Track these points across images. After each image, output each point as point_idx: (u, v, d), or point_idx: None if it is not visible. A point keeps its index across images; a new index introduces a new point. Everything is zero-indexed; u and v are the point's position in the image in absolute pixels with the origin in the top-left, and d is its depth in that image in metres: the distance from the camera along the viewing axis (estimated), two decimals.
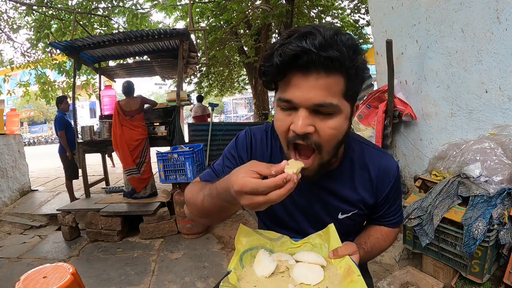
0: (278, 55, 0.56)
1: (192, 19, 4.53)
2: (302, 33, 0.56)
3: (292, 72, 0.57)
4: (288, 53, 0.55)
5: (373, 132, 2.49)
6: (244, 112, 23.75)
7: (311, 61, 0.55)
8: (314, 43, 0.54)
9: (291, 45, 0.55)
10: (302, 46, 0.54)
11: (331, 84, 0.58)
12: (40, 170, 7.16)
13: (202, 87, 10.47)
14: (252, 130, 0.84)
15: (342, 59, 0.56)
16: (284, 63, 0.56)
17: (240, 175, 0.56)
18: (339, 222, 0.80)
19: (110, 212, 3.28)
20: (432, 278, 1.75)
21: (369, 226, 0.89)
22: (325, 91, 0.57)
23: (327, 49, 0.54)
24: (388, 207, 0.84)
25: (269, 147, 0.81)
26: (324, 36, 0.55)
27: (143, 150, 3.57)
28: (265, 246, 0.74)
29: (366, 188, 0.80)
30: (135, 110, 3.54)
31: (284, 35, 0.59)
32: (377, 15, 2.87)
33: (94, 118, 18.87)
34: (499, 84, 1.80)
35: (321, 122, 0.60)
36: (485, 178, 1.61)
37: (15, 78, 7.29)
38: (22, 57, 6.47)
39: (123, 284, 2.43)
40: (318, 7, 8.14)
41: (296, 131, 0.60)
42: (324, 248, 0.73)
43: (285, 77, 0.59)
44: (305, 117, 0.59)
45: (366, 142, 0.84)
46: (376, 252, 0.85)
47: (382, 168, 0.79)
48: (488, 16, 1.78)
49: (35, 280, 1.16)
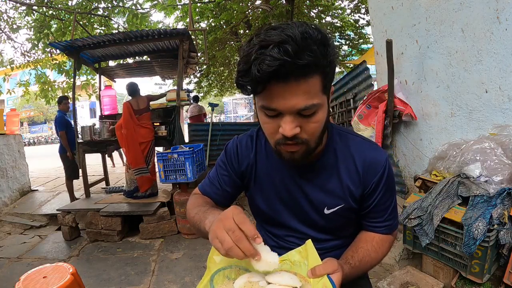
0: (256, 71, 0.55)
1: (192, 19, 4.53)
2: (276, 44, 0.55)
3: (271, 82, 0.58)
4: (267, 69, 0.55)
5: (373, 132, 2.49)
6: (244, 112, 23.73)
7: (289, 71, 0.56)
8: (289, 52, 0.54)
9: (267, 59, 0.54)
10: (279, 59, 0.54)
11: (310, 87, 0.59)
12: (40, 170, 7.16)
13: (202, 87, 10.47)
14: (238, 138, 0.90)
15: (317, 60, 0.57)
16: (263, 78, 0.56)
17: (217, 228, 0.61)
18: (326, 218, 0.80)
19: (110, 212, 3.28)
20: (432, 278, 1.75)
21: (359, 237, 0.84)
22: (306, 95, 0.60)
23: (302, 55, 0.55)
24: (377, 203, 0.79)
25: (254, 150, 0.85)
26: (296, 41, 0.54)
27: (151, 149, 3.61)
28: (240, 265, 0.70)
29: (352, 179, 0.77)
30: (143, 109, 3.62)
31: (255, 44, 0.57)
32: (377, 15, 2.87)
33: (94, 118, 18.87)
34: (499, 84, 1.79)
35: (305, 121, 0.63)
36: (485, 178, 1.61)
37: (15, 78, 7.29)
38: (22, 57, 6.47)
39: (123, 284, 2.43)
40: (318, 7, 8.13)
41: (285, 135, 0.63)
42: (304, 266, 0.68)
43: (265, 88, 0.59)
44: (291, 122, 0.62)
45: (352, 133, 0.83)
46: (367, 266, 0.78)
47: (369, 159, 0.77)
48: (488, 16, 1.78)
49: (35, 280, 1.16)
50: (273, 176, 0.82)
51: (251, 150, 0.85)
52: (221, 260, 0.70)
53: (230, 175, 0.87)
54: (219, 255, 0.68)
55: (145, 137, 3.56)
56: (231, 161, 0.87)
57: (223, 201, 0.88)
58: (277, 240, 0.88)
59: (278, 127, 0.64)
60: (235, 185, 0.88)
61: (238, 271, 0.69)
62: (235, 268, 0.69)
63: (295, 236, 0.85)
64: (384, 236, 0.82)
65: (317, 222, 0.82)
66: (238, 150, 0.87)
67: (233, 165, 0.87)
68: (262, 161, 0.84)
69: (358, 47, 8.94)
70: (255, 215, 0.94)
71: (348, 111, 3.56)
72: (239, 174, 0.87)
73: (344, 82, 3.64)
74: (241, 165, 0.86)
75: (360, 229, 0.87)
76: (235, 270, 0.69)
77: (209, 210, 0.75)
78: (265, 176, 0.83)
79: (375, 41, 3.03)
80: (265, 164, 0.83)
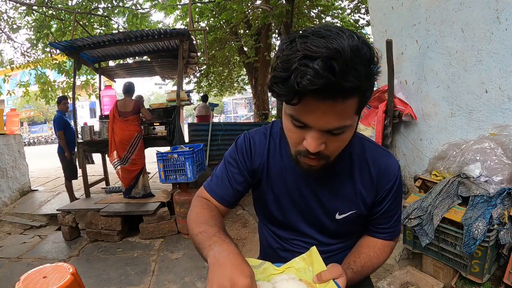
0: (295, 84, 0.51)
1: (192, 19, 4.54)
2: (324, 59, 0.49)
3: (307, 95, 0.54)
4: (308, 85, 0.50)
5: (373, 132, 2.49)
6: (244, 112, 23.75)
7: (330, 92, 0.52)
8: (335, 71, 0.49)
9: (310, 74, 0.49)
10: (324, 77, 0.49)
11: (346, 108, 0.56)
12: (40, 170, 7.16)
13: (202, 87, 10.46)
14: (250, 133, 0.84)
15: (361, 84, 0.52)
16: (301, 92, 0.52)
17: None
18: (337, 223, 0.79)
19: (110, 212, 3.28)
20: (432, 278, 1.75)
21: (362, 242, 0.84)
22: (341, 116, 0.57)
23: (347, 76, 0.50)
24: (385, 210, 0.79)
25: (267, 149, 0.81)
26: (344, 58, 0.50)
27: (131, 146, 3.56)
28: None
29: (366, 185, 0.77)
30: (129, 112, 3.58)
31: (297, 51, 0.51)
32: (377, 15, 2.87)
33: (94, 118, 18.87)
34: (499, 84, 1.80)
35: (332, 139, 0.61)
36: (485, 178, 1.61)
37: (15, 78, 7.29)
38: (22, 57, 6.47)
39: (123, 284, 2.43)
40: (318, 7, 8.12)
41: (309, 150, 0.61)
42: (309, 272, 0.69)
43: (301, 101, 0.55)
44: (318, 138, 0.59)
45: (367, 139, 0.82)
46: (368, 271, 0.79)
47: (383, 167, 0.77)
48: (488, 16, 1.78)
49: (35, 280, 1.16)
50: (285, 176, 0.80)
51: (265, 147, 0.82)
52: None
53: (242, 172, 0.81)
54: None
55: (124, 138, 3.54)
56: (243, 157, 0.82)
57: (233, 202, 0.84)
58: (281, 242, 0.87)
59: (303, 139, 0.62)
60: (247, 183, 0.83)
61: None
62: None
63: (300, 240, 0.84)
64: (386, 242, 0.82)
65: (326, 227, 0.81)
66: (251, 146, 0.82)
67: (245, 162, 0.81)
68: (276, 160, 0.81)
69: None
70: (260, 214, 0.91)
71: None
72: (250, 172, 0.82)
73: None
74: (254, 162, 0.81)
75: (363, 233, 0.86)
76: None
77: (216, 236, 0.67)
78: (278, 176, 0.81)
79: (375, 41, 3.03)
80: (279, 164, 0.80)
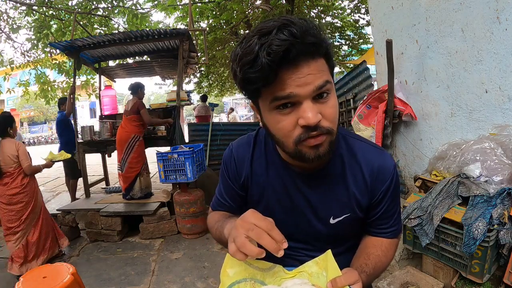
0: (265, 56, 0.54)
1: (192, 19, 4.53)
2: (279, 27, 0.54)
3: (282, 69, 0.56)
4: (278, 49, 0.53)
5: (373, 132, 2.49)
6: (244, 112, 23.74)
7: (299, 52, 0.55)
8: (295, 33, 0.54)
9: (275, 42, 0.53)
10: (287, 39, 0.53)
11: (319, 66, 0.59)
12: None
13: (202, 87, 10.47)
14: (234, 145, 0.86)
15: (320, 41, 0.58)
16: (274, 62, 0.54)
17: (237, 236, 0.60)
18: (332, 227, 0.77)
19: (110, 212, 3.28)
20: (432, 278, 1.75)
21: (367, 243, 0.81)
22: (319, 73, 0.59)
23: (306, 36, 0.55)
24: (384, 210, 0.77)
25: (249, 159, 0.81)
26: (297, 25, 0.55)
27: (127, 148, 3.56)
28: (256, 277, 0.66)
29: (359, 188, 0.74)
30: (128, 111, 3.63)
31: (252, 36, 0.56)
32: (377, 15, 2.87)
33: (94, 118, 18.86)
34: (499, 84, 1.79)
35: (322, 107, 0.61)
36: (485, 178, 1.61)
37: (15, 78, 7.29)
38: (22, 57, 6.47)
39: (123, 284, 2.43)
40: (318, 7, 8.13)
41: (309, 123, 0.58)
42: (322, 277, 0.65)
43: (277, 76, 0.57)
44: (311, 107, 0.58)
45: (359, 138, 0.80)
46: (379, 272, 0.77)
47: (377, 167, 0.74)
48: (488, 16, 1.78)
49: (35, 280, 1.16)
50: (274, 183, 0.78)
51: (248, 158, 0.81)
52: (234, 273, 0.65)
53: (233, 188, 0.84)
54: (232, 267, 0.66)
55: (121, 139, 3.57)
56: (231, 174, 0.84)
57: (239, 213, 0.83)
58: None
59: (296, 122, 0.60)
60: (242, 197, 0.85)
61: (253, 284, 0.65)
62: (250, 281, 0.65)
63: (297, 247, 0.81)
64: (391, 240, 0.81)
65: (320, 232, 0.78)
66: (235, 160, 0.83)
67: (234, 177, 0.83)
68: (261, 168, 0.80)
69: (358, 47, 8.94)
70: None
71: (348, 111, 3.55)
72: (240, 186, 0.83)
73: (344, 82, 3.64)
74: (240, 176, 0.82)
75: (362, 235, 0.84)
76: (250, 283, 0.65)
77: (230, 218, 0.77)
78: (265, 184, 0.79)
79: (375, 41, 3.03)
80: (265, 171, 0.79)
